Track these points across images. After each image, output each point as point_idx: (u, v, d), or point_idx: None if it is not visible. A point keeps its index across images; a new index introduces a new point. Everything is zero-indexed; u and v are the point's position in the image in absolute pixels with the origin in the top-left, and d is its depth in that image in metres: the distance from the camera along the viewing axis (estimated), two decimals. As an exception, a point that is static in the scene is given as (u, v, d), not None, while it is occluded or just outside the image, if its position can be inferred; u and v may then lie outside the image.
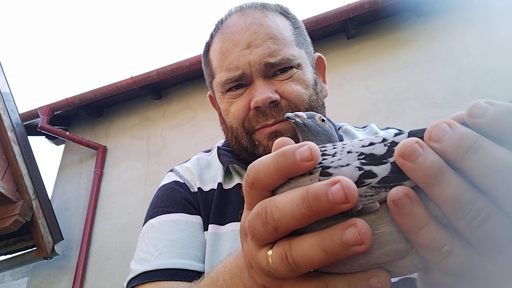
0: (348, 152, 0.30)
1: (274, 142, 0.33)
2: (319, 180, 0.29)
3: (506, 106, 0.25)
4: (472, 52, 3.02)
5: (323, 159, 0.30)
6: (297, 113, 0.44)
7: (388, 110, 3.02)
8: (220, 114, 0.83)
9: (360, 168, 0.28)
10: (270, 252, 0.29)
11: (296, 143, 0.31)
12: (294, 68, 0.74)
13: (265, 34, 0.73)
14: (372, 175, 0.28)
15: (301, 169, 0.29)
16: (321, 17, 3.19)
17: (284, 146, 0.30)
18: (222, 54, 0.75)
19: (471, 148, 0.25)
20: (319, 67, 0.86)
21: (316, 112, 0.74)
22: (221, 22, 0.80)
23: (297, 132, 0.44)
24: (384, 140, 0.30)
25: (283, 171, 0.29)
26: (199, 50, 0.89)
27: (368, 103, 3.13)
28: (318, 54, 0.87)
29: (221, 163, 0.80)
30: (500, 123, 0.25)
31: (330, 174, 0.29)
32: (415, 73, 3.14)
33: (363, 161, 0.29)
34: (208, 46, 0.83)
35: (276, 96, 0.71)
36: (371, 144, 0.30)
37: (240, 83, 0.74)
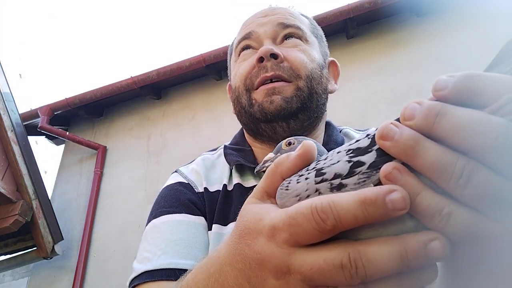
0: (338, 153, 0.33)
1: (302, 147, 0.35)
2: (318, 189, 0.31)
3: (464, 73, 0.28)
4: (472, 52, 3.02)
5: (317, 163, 0.34)
6: (265, 158, 0.48)
7: (388, 110, 3.02)
8: (230, 86, 0.87)
9: (349, 161, 0.31)
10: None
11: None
12: (303, 41, 0.78)
13: (285, 11, 0.82)
14: (361, 163, 0.30)
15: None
16: (321, 17, 3.19)
17: (312, 149, 0.35)
18: (243, 26, 0.84)
19: (438, 114, 0.27)
20: (333, 70, 0.89)
21: (315, 84, 0.76)
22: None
23: None
24: (367, 135, 0.33)
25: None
26: (199, 50, 0.94)
27: (368, 103, 3.13)
28: (332, 58, 0.89)
29: (227, 162, 0.80)
30: (461, 89, 0.28)
31: (324, 174, 0.32)
32: (415, 73, 3.14)
33: (351, 155, 0.31)
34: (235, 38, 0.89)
35: (278, 51, 0.74)
36: (357, 141, 0.33)
37: (249, 45, 0.80)
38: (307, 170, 0.34)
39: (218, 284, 0.37)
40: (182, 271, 0.62)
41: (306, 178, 0.33)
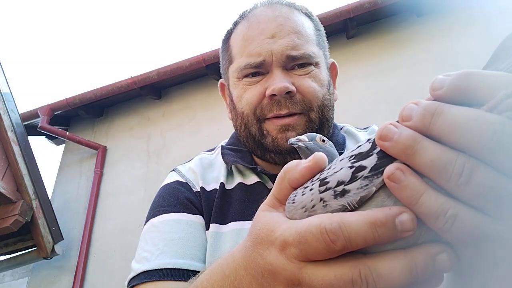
0: (341, 160, 0.34)
1: (313, 159, 0.35)
2: (322, 198, 0.32)
3: (460, 72, 0.28)
4: (472, 52, 3.02)
5: (321, 174, 0.34)
6: (299, 137, 0.47)
7: (388, 110, 3.02)
8: (231, 101, 0.83)
9: (351, 167, 0.31)
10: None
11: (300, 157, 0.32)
12: (313, 66, 0.76)
13: (291, 27, 0.75)
14: (362, 168, 0.30)
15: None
16: (321, 17, 3.19)
17: (322, 163, 0.35)
18: (245, 40, 0.77)
19: (435, 114, 0.27)
20: (332, 73, 0.87)
21: (326, 112, 0.76)
22: (247, 12, 0.82)
23: (300, 155, 0.46)
24: (368, 139, 0.33)
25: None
26: (199, 50, 0.90)
27: (368, 103, 3.13)
28: (332, 60, 0.88)
29: (224, 162, 0.80)
30: (457, 88, 0.28)
31: (327, 182, 0.32)
32: (415, 73, 3.14)
33: (353, 160, 0.32)
34: (229, 33, 0.84)
35: (292, 87, 0.72)
36: (358, 146, 0.33)
37: (258, 71, 0.75)
38: (312, 181, 0.34)
39: (234, 286, 0.38)
40: (181, 271, 0.62)
41: (311, 189, 0.33)
